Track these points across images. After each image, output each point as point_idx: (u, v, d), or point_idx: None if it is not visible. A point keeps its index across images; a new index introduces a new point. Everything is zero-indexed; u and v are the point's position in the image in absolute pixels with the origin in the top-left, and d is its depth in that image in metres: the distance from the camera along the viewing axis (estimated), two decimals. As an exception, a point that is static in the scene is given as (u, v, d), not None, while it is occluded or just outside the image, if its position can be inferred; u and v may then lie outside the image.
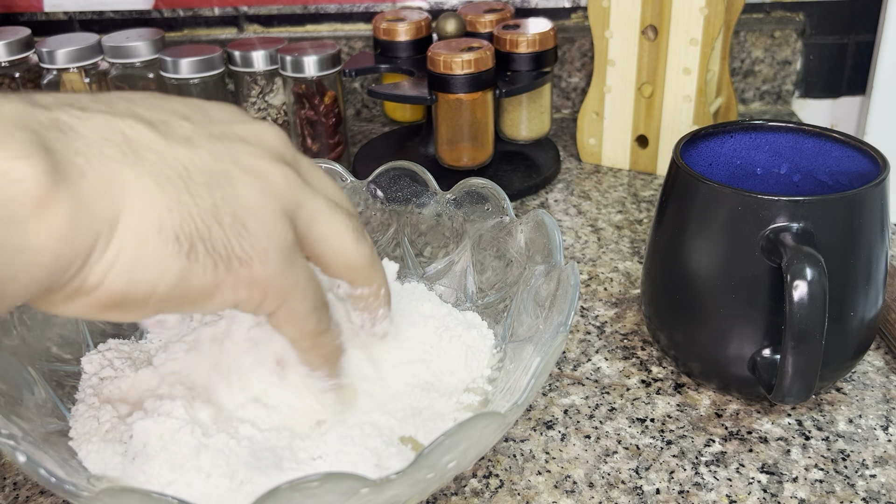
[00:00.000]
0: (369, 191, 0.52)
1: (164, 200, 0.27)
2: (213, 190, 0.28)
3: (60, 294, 0.26)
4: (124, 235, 0.26)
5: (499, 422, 0.33)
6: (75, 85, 0.72)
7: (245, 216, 0.29)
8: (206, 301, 0.29)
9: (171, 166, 0.28)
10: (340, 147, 0.75)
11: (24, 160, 0.24)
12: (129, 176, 0.27)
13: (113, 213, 0.26)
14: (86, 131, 0.27)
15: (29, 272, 0.25)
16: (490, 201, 0.49)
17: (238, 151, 0.30)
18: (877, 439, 0.44)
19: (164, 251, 0.27)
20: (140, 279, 0.27)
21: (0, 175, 0.23)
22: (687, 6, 0.66)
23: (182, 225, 0.27)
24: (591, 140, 0.76)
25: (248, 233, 0.29)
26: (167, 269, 0.27)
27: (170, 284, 0.27)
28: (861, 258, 0.42)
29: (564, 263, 0.42)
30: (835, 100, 0.88)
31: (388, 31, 0.73)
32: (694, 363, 0.47)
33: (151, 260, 0.27)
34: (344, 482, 0.29)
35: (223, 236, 0.28)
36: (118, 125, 0.28)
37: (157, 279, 0.27)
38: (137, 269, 0.27)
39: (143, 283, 0.27)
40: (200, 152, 0.29)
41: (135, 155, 0.27)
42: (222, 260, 0.28)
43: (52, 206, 0.24)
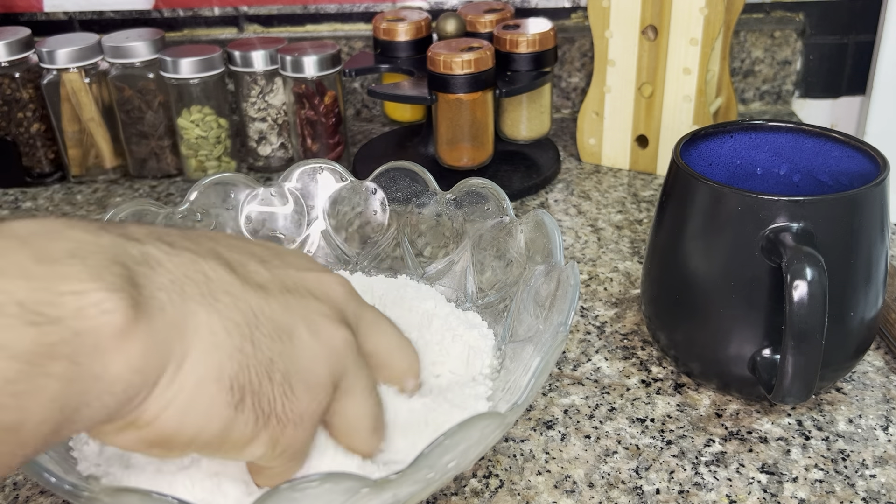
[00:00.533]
0: (369, 190, 0.52)
1: (228, 347, 0.28)
2: (274, 343, 0.30)
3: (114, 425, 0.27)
4: (187, 377, 0.27)
5: (499, 422, 0.33)
6: (75, 85, 0.72)
7: (294, 378, 0.30)
8: (239, 452, 0.30)
9: (242, 311, 0.29)
10: (340, 147, 0.75)
11: (115, 293, 0.25)
12: (202, 317, 0.28)
13: (182, 351, 0.27)
14: (172, 267, 0.28)
15: (101, 399, 0.26)
16: (490, 201, 0.49)
17: (307, 307, 0.32)
18: (877, 439, 0.44)
19: (217, 398, 0.28)
20: (190, 422, 0.28)
21: (92, 306, 0.25)
22: (687, 6, 0.66)
23: (238, 375, 0.28)
24: (591, 140, 0.76)
25: (294, 396, 0.30)
26: (216, 417, 0.28)
27: (214, 432, 0.28)
28: (861, 258, 0.42)
29: (564, 263, 0.42)
30: (835, 100, 0.88)
31: (388, 31, 0.73)
32: (694, 363, 0.47)
33: (204, 405, 0.28)
34: (344, 482, 0.29)
35: (271, 393, 0.29)
36: (201, 265, 0.29)
37: (204, 425, 0.28)
38: (190, 413, 0.28)
39: (192, 426, 0.28)
40: (272, 302, 0.30)
41: (212, 296, 0.29)
42: (263, 416, 0.29)
43: (132, 338, 0.26)
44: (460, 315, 0.47)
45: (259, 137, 0.76)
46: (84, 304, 0.25)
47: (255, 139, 0.76)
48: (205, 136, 0.74)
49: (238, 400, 0.28)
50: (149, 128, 0.74)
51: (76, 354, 0.24)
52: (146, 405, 0.27)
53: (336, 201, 0.53)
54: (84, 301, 0.25)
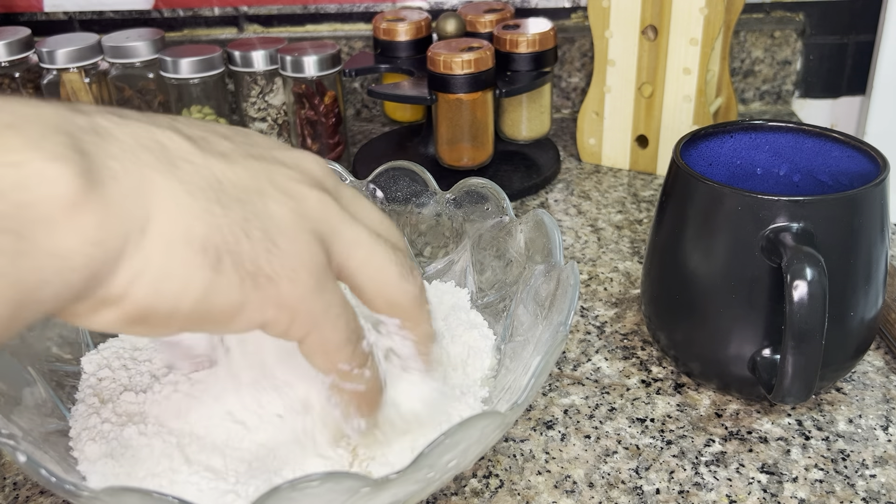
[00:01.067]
0: (369, 191, 0.52)
1: (194, 209, 0.26)
2: (244, 205, 0.28)
3: (86, 304, 0.26)
4: (151, 243, 0.26)
5: (499, 421, 0.33)
6: (75, 85, 0.72)
7: (276, 233, 0.28)
8: (232, 320, 0.28)
9: (204, 178, 0.27)
10: (340, 147, 0.75)
11: (58, 162, 0.24)
12: (160, 182, 0.26)
13: (143, 218, 0.26)
14: (123, 136, 0.26)
15: (62, 276, 0.24)
16: (490, 201, 0.49)
17: (275, 172, 0.30)
18: (877, 439, 0.44)
19: (190, 261, 0.26)
20: (165, 291, 0.26)
21: (32, 175, 0.23)
22: (687, 6, 0.66)
23: (210, 236, 0.26)
24: (591, 140, 0.76)
25: (278, 249, 0.28)
26: (193, 282, 0.26)
27: (195, 298, 0.27)
28: (861, 258, 0.42)
29: (564, 263, 0.42)
30: (835, 100, 0.88)
31: (388, 31, 0.73)
32: (694, 363, 0.47)
33: (178, 270, 0.26)
34: (344, 481, 0.29)
35: (252, 251, 0.27)
36: (156, 134, 0.27)
37: (182, 291, 0.26)
38: (163, 280, 0.26)
39: (169, 295, 0.26)
40: (236, 168, 0.28)
41: (169, 163, 0.27)
42: (249, 276, 0.27)
43: (83, 208, 0.24)
44: (461, 315, 0.47)
45: (259, 137, 0.76)
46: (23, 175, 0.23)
47: (255, 139, 0.76)
48: (205, 136, 0.74)
49: (214, 260, 0.26)
50: (149, 128, 0.74)
51: (21, 228, 0.23)
52: (114, 278, 0.25)
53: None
54: (23, 172, 0.23)
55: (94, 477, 0.36)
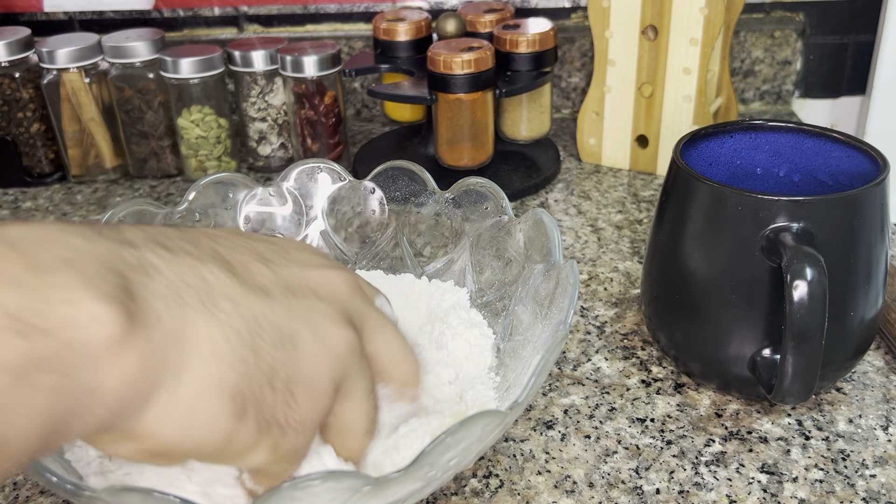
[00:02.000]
0: (368, 190, 0.52)
1: (229, 356, 0.27)
2: (276, 350, 0.29)
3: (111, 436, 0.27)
4: (186, 388, 0.27)
5: (499, 420, 0.33)
6: (75, 85, 0.72)
7: (296, 385, 0.29)
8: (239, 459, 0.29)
9: (244, 318, 0.28)
10: (340, 147, 0.75)
11: (108, 303, 0.24)
12: (202, 327, 0.27)
13: (180, 363, 0.27)
14: (170, 274, 0.27)
15: (93, 411, 0.25)
16: (489, 200, 0.49)
17: (310, 308, 0.31)
18: (877, 439, 0.44)
19: (218, 410, 0.27)
20: (190, 434, 0.27)
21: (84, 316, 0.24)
22: (687, 6, 0.66)
23: (240, 385, 0.28)
24: (591, 140, 0.76)
25: (294, 403, 0.29)
26: (217, 428, 0.28)
27: (215, 443, 0.28)
28: (861, 258, 0.42)
29: (563, 262, 0.42)
30: (835, 100, 0.88)
31: (388, 31, 0.73)
32: (694, 363, 0.47)
33: (206, 418, 0.27)
34: (346, 480, 0.29)
35: (272, 402, 0.29)
36: (200, 270, 0.28)
37: (206, 437, 0.28)
38: (190, 425, 0.27)
39: (193, 438, 0.27)
40: (274, 306, 0.30)
41: (212, 304, 0.28)
42: (265, 424, 0.29)
43: (126, 350, 0.25)
44: (461, 314, 0.47)
45: (259, 137, 0.76)
46: (76, 314, 0.24)
47: (255, 139, 0.76)
48: (205, 136, 0.74)
49: (240, 410, 0.28)
50: (149, 128, 0.74)
51: (67, 367, 0.24)
52: (144, 417, 0.26)
53: (335, 201, 0.53)
54: (76, 311, 0.24)
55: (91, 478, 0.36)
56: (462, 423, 0.31)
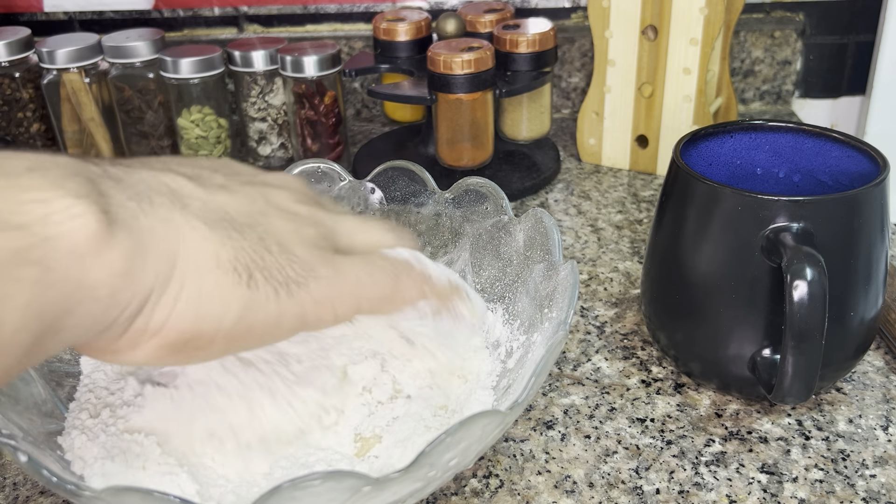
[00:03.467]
0: (367, 190, 0.52)
1: (216, 237, 0.28)
2: (255, 227, 0.30)
3: (125, 339, 0.27)
4: (184, 271, 0.27)
5: (500, 420, 0.33)
6: (75, 85, 0.72)
7: (288, 244, 0.30)
8: (275, 330, 0.30)
9: (213, 210, 0.29)
10: (340, 147, 0.75)
11: (83, 199, 0.25)
12: (179, 219, 0.28)
13: (170, 252, 0.27)
14: (134, 182, 0.28)
15: (85, 306, 0.25)
16: (488, 200, 0.49)
17: (269, 194, 0.32)
18: (877, 439, 0.44)
19: (225, 282, 0.28)
20: (206, 313, 0.28)
21: (60, 211, 0.25)
22: (687, 6, 0.66)
23: (237, 257, 0.28)
24: (591, 140, 0.76)
25: (295, 257, 0.30)
26: (231, 301, 0.28)
27: (235, 316, 0.28)
28: (861, 258, 0.42)
29: (563, 262, 0.42)
30: (835, 100, 0.88)
31: (388, 31, 0.73)
32: (694, 363, 0.47)
33: (214, 292, 0.28)
34: (346, 480, 0.29)
35: (276, 263, 0.29)
36: (161, 178, 0.29)
37: (222, 312, 0.28)
38: (202, 304, 0.27)
39: (210, 317, 0.28)
40: (237, 196, 0.31)
41: (181, 202, 0.29)
42: (282, 286, 0.29)
43: (109, 243, 0.25)
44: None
45: (259, 137, 0.76)
46: (49, 211, 0.24)
47: (255, 139, 0.76)
48: (205, 136, 0.74)
49: (247, 278, 0.28)
50: (149, 128, 0.74)
51: (47, 259, 0.24)
52: (149, 310, 0.27)
53: (334, 201, 0.53)
54: (49, 208, 0.24)
55: (93, 479, 0.36)
56: (462, 423, 0.31)
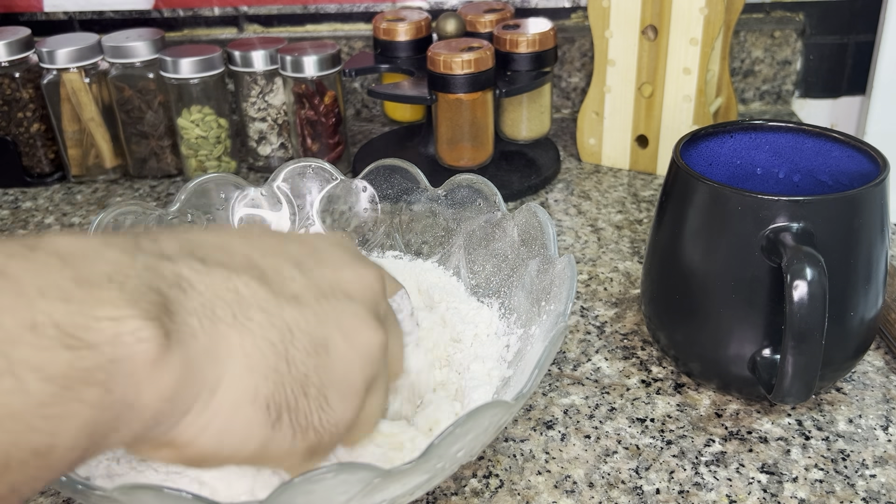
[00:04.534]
0: (360, 188, 0.52)
1: (263, 368, 0.28)
2: (309, 357, 0.30)
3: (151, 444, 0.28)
4: (222, 401, 0.28)
5: (506, 410, 0.33)
6: (75, 85, 0.72)
7: (330, 390, 0.30)
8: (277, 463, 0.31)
9: (276, 328, 0.29)
10: (340, 147, 0.75)
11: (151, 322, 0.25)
12: (235, 340, 0.28)
13: (215, 378, 0.27)
14: (203, 288, 0.28)
15: (130, 426, 0.26)
16: (482, 197, 0.49)
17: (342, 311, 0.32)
18: (877, 439, 0.44)
19: (254, 419, 0.28)
20: (228, 443, 0.28)
21: (129, 333, 0.25)
22: (687, 6, 0.66)
23: (274, 394, 0.29)
24: (591, 140, 0.76)
25: (329, 408, 0.30)
26: (253, 437, 0.29)
27: (252, 451, 0.29)
28: (861, 258, 0.42)
29: (559, 256, 0.42)
30: (835, 100, 0.88)
31: (388, 31, 0.73)
32: (694, 363, 0.47)
33: (242, 427, 0.28)
34: (359, 472, 0.29)
35: (307, 408, 0.30)
36: (233, 282, 0.29)
37: (242, 445, 0.29)
38: (227, 434, 0.28)
39: (230, 447, 0.28)
40: (306, 313, 0.30)
41: (244, 316, 0.28)
42: (301, 430, 0.30)
43: (164, 368, 0.26)
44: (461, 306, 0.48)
45: (259, 137, 0.76)
46: (120, 332, 0.25)
47: (255, 139, 0.76)
48: (205, 136, 0.74)
49: (275, 419, 0.29)
50: (149, 128, 0.74)
51: (110, 381, 0.24)
52: (182, 429, 0.27)
53: (326, 200, 0.53)
54: (120, 328, 0.25)
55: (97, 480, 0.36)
56: (469, 414, 0.31)
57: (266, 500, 0.29)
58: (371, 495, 0.31)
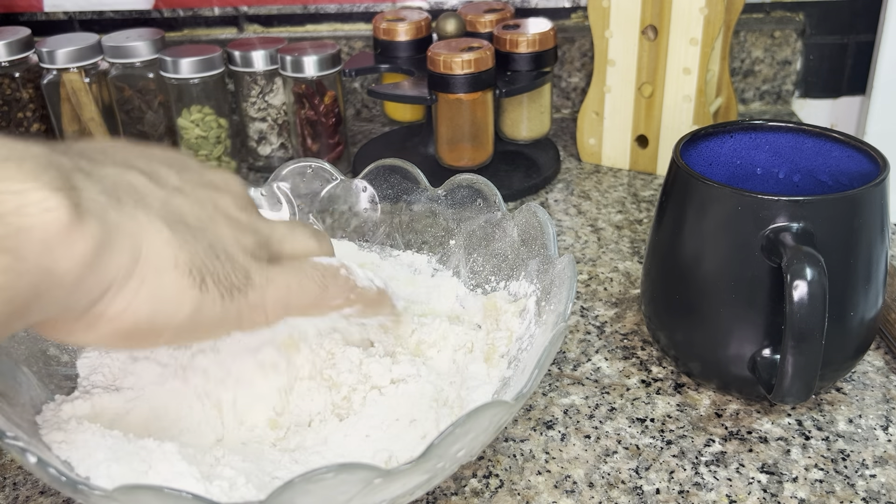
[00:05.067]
0: (360, 188, 0.52)
1: (175, 239, 0.30)
2: (205, 233, 0.32)
3: (82, 322, 0.29)
4: (145, 268, 0.29)
5: (506, 410, 0.33)
6: (75, 85, 0.72)
7: (232, 252, 0.33)
8: (216, 330, 0.33)
9: (171, 212, 0.32)
10: (340, 147, 0.75)
11: (57, 192, 0.27)
12: (143, 218, 0.30)
13: (134, 248, 0.29)
14: (101, 176, 0.30)
15: (51, 292, 0.27)
16: (481, 197, 0.49)
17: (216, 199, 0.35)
18: (877, 439, 0.44)
19: (180, 283, 0.30)
20: (161, 309, 0.30)
21: (35, 203, 0.26)
22: (687, 6, 0.66)
23: (192, 260, 0.31)
24: (591, 140, 0.76)
25: (238, 265, 0.33)
26: (184, 300, 0.30)
27: (186, 315, 0.31)
28: (861, 258, 0.42)
29: (559, 256, 0.42)
30: (835, 100, 0.88)
31: (388, 31, 0.73)
32: (694, 363, 0.47)
33: (170, 291, 0.30)
34: (358, 472, 0.29)
35: (223, 269, 0.32)
36: (125, 175, 0.31)
37: (175, 309, 0.30)
38: (158, 300, 0.30)
39: (164, 312, 0.30)
40: (190, 200, 0.33)
41: (143, 201, 0.31)
42: (227, 291, 0.32)
43: (79, 235, 0.27)
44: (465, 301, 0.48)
45: (259, 137, 0.76)
46: (24, 203, 0.26)
47: (255, 139, 0.76)
48: (205, 136, 0.74)
49: (199, 281, 0.31)
50: (149, 128, 0.74)
51: (20, 249, 0.26)
52: (109, 299, 0.29)
53: (326, 199, 0.53)
54: (24, 199, 0.26)
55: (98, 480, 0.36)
56: (470, 414, 0.31)
57: (266, 500, 0.29)
58: (371, 495, 0.31)
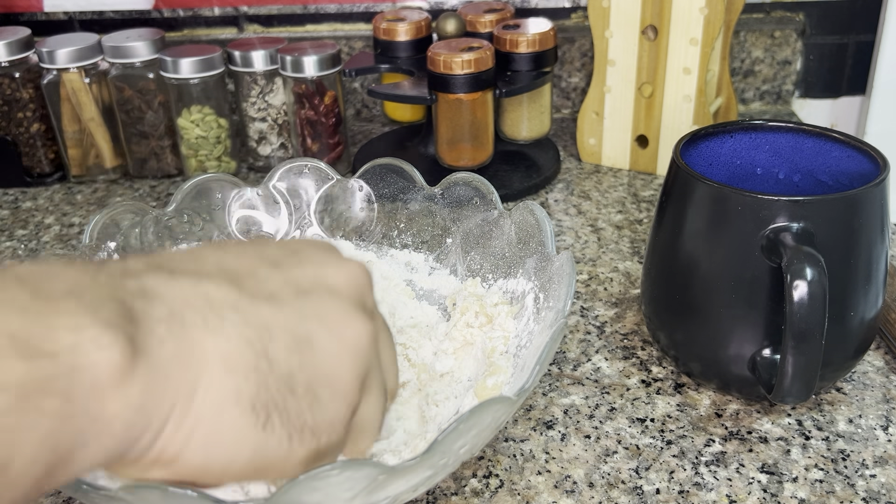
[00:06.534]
0: (355, 188, 0.52)
1: (242, 368, 0.27)
2: (292, 354, 0.28)
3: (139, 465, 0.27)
4: (201, 407, 0.26)
5: (508, 406, 0.34)
6: (75, 85, 0.72)
7: (320, 387, 0.29)
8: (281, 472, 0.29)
9: (252, 327, 0.28)
10: (340, 147, 0.75)
11: (112, 329, 0.24)
12: (209, 343, 0.27)
13: (190, 383, 0.26)
14: (170, 297, 0.27)
15: (100, 440, 0.25)
16: (478, 195, 0.49)
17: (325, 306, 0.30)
18: (877, 439, 0.44)
19: (241, 423, 0.27)
20: (217, 452, 0.27)
21: (88, 341, 0.24)
22: (687, 6, 0.66)
23: (259, 394, 0.27)
24: (591, 140, 0.76)
25: (320, 404, 0.29)
26: (244, 442, 0.27)
27: (247, 458, 0.28)
28: (861, 258, 0.42)
29: (557, 253, 0.42)
30: (835, 100, 0.88)
31: (388, 31, 0.73)
32: (694, 363, 0.47)
33: (228, 434, 0.27)
34: (363, 469, 0.29)
35: (297, 406, 0.28)
36: (203, 287, 0.28)
37: (234, 453, 0.27)
38: (215, 442, 0.27)
39: (220, 456, 0.27)
40: (285, 310, 0.29)
41: (217, 319, 0.27)
42: (296, 431, 0.28)
43: (129, 376, 0.25)
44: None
45: (259, 137, 0.76)
46: (80, 340, 0.24)
47: (255, 139, 0.76)
48: (205, 136, 0.74)
49: (264, 420, 0.27)
50: (149, 128, 0.74)
51: (70, 391, 0.23)
52: (163, 443, 0.26)
53: (323, 199, 0.53)
54: (80, 337, 0.24)
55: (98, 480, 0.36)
56: (473, 410, 0.31)
57: (271, 498, 0.29)
58: (375, 492, 0.31)
